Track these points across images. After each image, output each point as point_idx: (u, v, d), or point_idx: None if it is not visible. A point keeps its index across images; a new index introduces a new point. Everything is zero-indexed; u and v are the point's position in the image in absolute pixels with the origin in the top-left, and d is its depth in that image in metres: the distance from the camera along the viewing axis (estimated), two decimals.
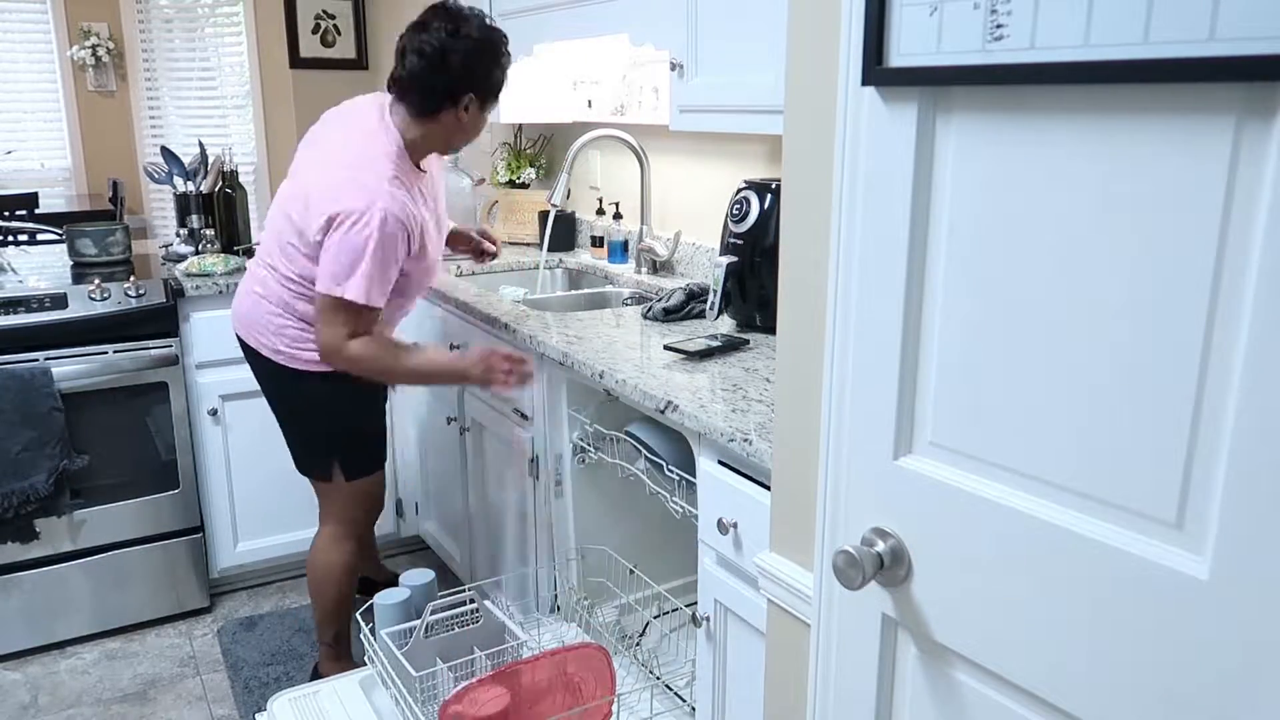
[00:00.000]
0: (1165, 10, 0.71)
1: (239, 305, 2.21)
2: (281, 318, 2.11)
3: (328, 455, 2.23)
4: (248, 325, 2.17)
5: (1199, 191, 0.72)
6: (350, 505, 2.29)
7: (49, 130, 5.42)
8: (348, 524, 2.30)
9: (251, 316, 2.16)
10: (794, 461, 1.20)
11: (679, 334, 2.11)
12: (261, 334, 2.14)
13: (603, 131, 2.71)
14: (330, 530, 2.30)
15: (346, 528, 2.30)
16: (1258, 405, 0.70)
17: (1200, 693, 0.76)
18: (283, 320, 2.11)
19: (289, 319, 2.11)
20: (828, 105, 1.06)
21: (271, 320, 2.12)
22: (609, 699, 1.68)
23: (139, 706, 2.44)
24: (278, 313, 2.11)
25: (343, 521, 2.29)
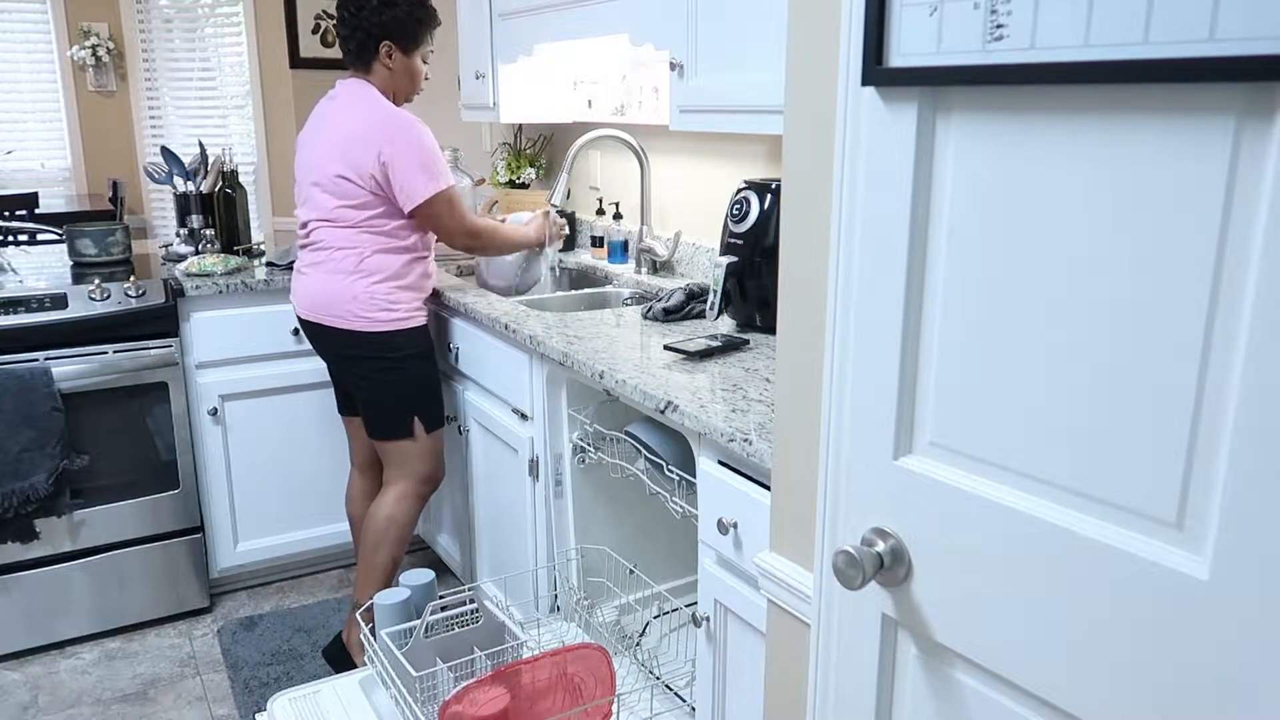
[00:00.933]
0: (1165, 10, 0.71)
1: (304, 291, 2.36)
2: (354, 284, 2.29)
3: (411, 410, 2.40)
4: (321, 305, 2.33)
5: (1199, 191, 0.72)
6: (426, 460, 2.45)
7: (49, 130, 5.42)
8: (421, 481, 2.46)
9: (323, 295, 2.32)
10: (794, 462, 1.20)
11: (679, 334, 2.11)
12: (339, 308, 2.31)
13: (603, 131, 2.71)
14: (401, 488, 2.44)
15: (419, 485, 2.46)
16: (1258, 405, 0.70)
17: (1200, 693, 0.76)
18: (356, 287, 2.29)
19: (360, 282, 2.29)
20: (828, 105, 1.06)
21: (345, 290, 2.30)
22: (609, 699, 1.68)
23: (139, 706, 2.44)
24: (350, 280, 2.30)
25: (417, 479, 2.45)
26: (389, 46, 2.31)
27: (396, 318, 2.33)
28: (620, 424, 2.01)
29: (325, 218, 2.30)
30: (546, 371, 2.13)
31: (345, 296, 2.30)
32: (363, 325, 2.31)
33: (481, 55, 2.98)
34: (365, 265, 2.29)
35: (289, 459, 2.92)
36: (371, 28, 2.29)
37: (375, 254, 2.30)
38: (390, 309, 2.32)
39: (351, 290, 2.29)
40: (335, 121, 2.31)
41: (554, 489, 2.20)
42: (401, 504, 2.44)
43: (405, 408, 2.40)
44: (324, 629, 2.76)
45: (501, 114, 2.98)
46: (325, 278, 2.32)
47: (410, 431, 2.41)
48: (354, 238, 2.29)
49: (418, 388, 2.40)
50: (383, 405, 2.40)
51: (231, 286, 2.72)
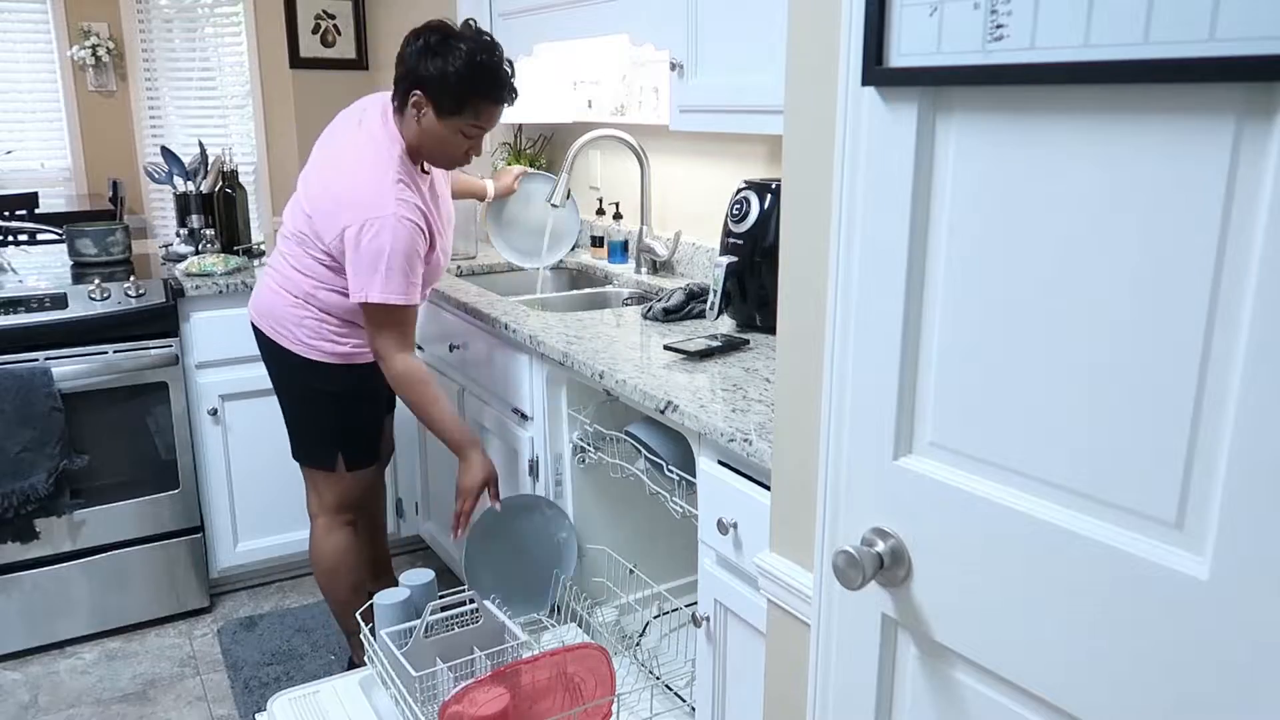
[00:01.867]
0: (1165, 10, 0.71)
1: (259, 295, 2.23)
2: (302, 309, 2.12)
3: (332, 445, 2.24)
4: (266, 315, 2.18)
5: (1199, 191, 0.72)
6: (347, 494, 2.29)
7: (49, 130, 5.42)
8: (339, 511, 2.30)
9: (271, 307, 2.17)
10: (794, 461, 1.20)
11: (679, 334, 2.11)
12: (280, 324, 2.16)
13: (603, 131, 2.71)
14: (324, 521, 2.31)
15: (338, 515, 2.31)
16: (1258, 405, 0.70)
17: (1200, 693, 0.76)
18: (303, 311, 2.12)
19: (309, 310, 2.12)
20: (828, 105, 1.06)
21: (292, 312, 2.13)
22: (609, 699, 1.68)
23: (139, 706, 2.44)
24: (299, 304, 2.13)
25: (335, 509, 2.30)
26: (419, 98, 1.95)
27: (341, 351, 2.15)
28: (620, 424, 2.01)
29: (294, 235, 2.12)
30: (546, 371, 2.13)
31: (291, 318, 2.13)
32: (301, 350, 2.14)
33: None
34: (316, 299, 2.10)
35: (289, 459, 2.91)
36: (409, 69, 1.95)
37: (330, 292, 2.09)
38: (336, 342, 2.14)
39: (298, 314, 2.12)
40: (338, 158, 2.06)
41: (554, 489, 2.20)
42: (333, 536, 2.31)
43: (329, 440, 2.24)
44: (324, 629, 2.76)
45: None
46: (277, 291, 2.15)
47: (331, 465, 2.25)
48: (313, 268, 2.09)
49: (346, 424, 2.23)
50: (305, 431, 2.26)
51: (231, 286, 2.72)
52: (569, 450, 2.16)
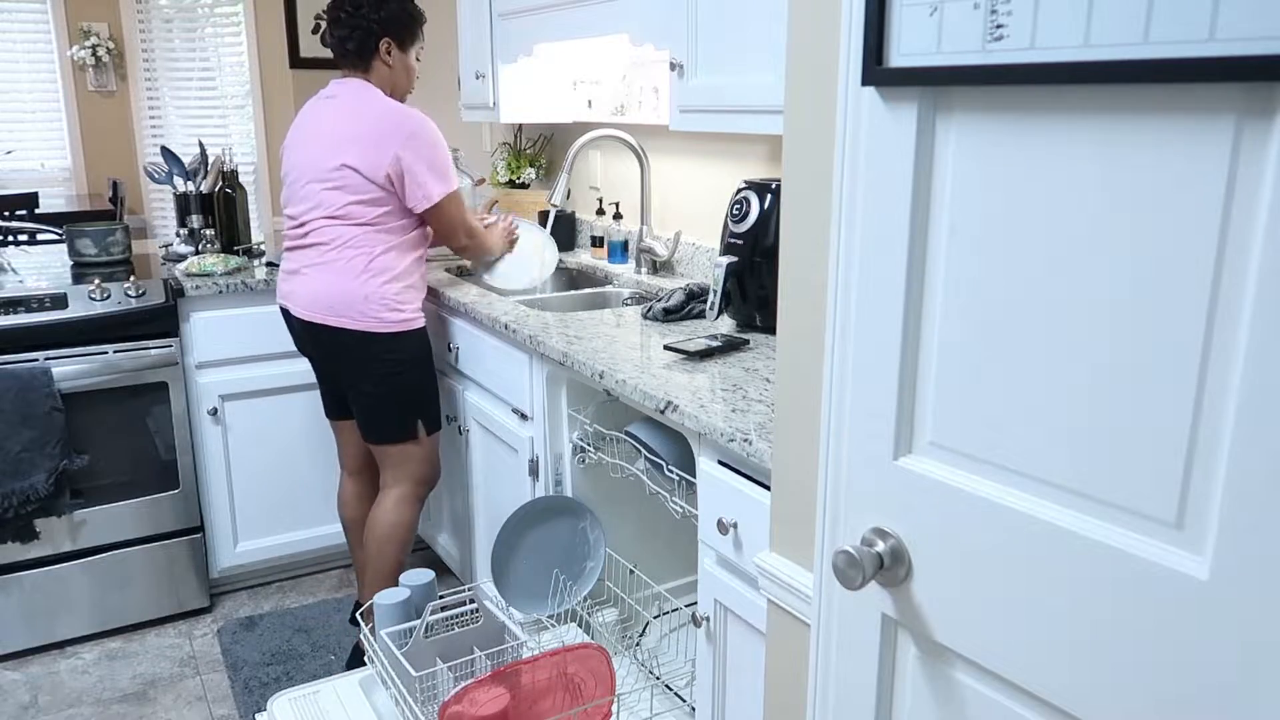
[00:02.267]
0: (1165, 10, 0.71)
1: (306, 290, 2.33)
2: (362, 284, 2.28)
3: (414, 413, 2.40)
4: (326, 306, 2.30)
5: (1199, 191, 0.72)
6: (425, 463, 2.46)
7: (49, 130, 5.42)
8: (419, 484, 2.47)
9: (330, 295, 2.30)
10: (794, 461, 1.20)
11: (679, 334, 2.11)
12: (348, 308, 2.29)
13: (603, 131, 2.71)
14: (400, 491, 2.44)
15: (417, 488, 2.47)
16: (1258, 405, 0.70)
17: (1200, 693, 0.76)
18: (364, 289, 2.28)
19: (369, 284, 2.28)
20: (828, 105, 1.06)
21: (354, 290, 2.28)
22: (609, 699, 1.68)
23: (139, 706, 2.44)
24: (357, 280, 2.28)
25: (415, 481, 2.45)
26: (389, 43, 2.33)
27: (403, 318, 2.33)
28: (620, 424, 2.01)
29: (333, 215, 2.28)
30: (546, 371, 2.13)
31: (356, 297, 2.28)
32: (373, 326, 2.29)
33: (481, 55, 2.98)
34: (375, 265, 2.29)
35: (289, 459, 2.92)
36: (371, 24, 2.31)
37: (384, 253, 2.30)
38: (398, 309, 2.32)
39: (363, 290, 2.28)
40: (341, 119, 2.29)
41: (554, 489, 2.20)
42: (402, 507, 2.44)
43: (408, 410, 2.40)
44: (324, 629, 2.76)
45: (501, 114, 2.98)
46: (333, 278, 2.29)
47: (414, 434, 2.41)
48: (363, 237, 2.28)
49: (421, 390, 2.41)
50: (387, 408, 2.38)
51: (231, 286, 2.72)
52: (569, 450, 2.16)
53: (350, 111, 2.29)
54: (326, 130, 2.30)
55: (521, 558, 2.11)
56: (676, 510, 1.83)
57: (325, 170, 2.27)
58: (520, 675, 1.64)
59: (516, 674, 1.64)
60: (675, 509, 1.83)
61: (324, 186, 2.28)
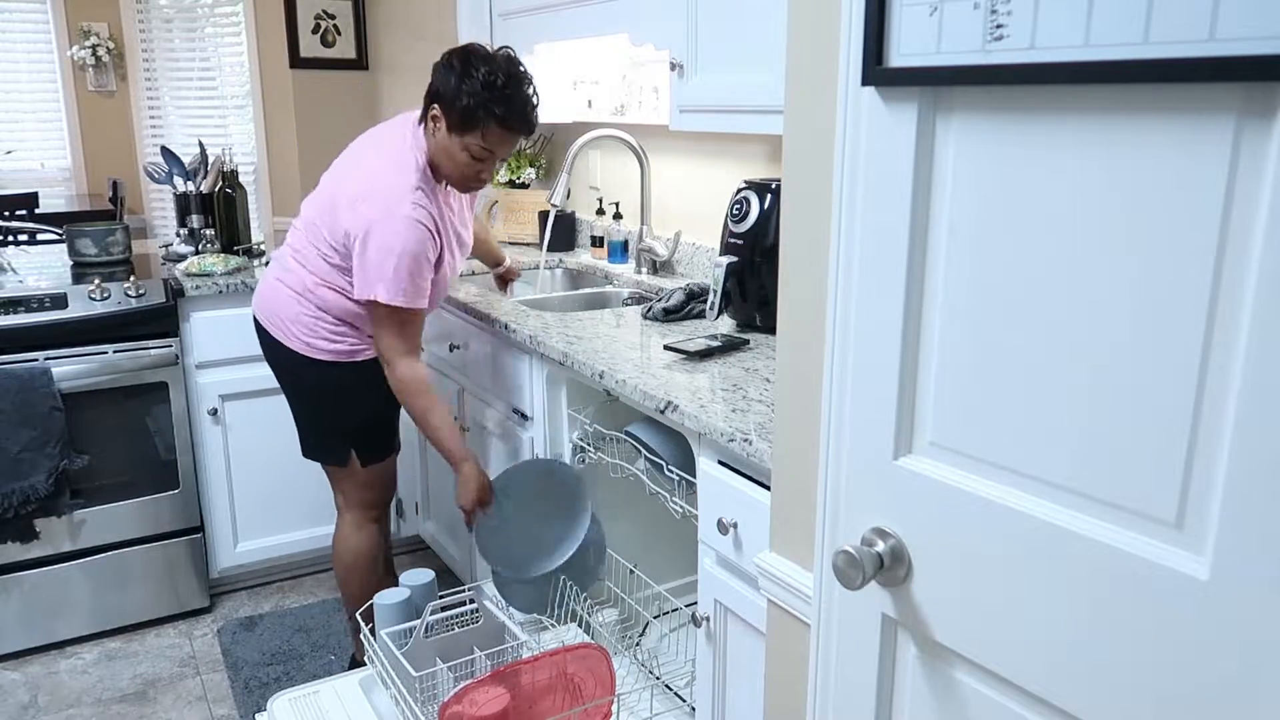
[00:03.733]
0: (1165, 10, 0.71)
1: (261, 292, 2.23)
2: (301, 305, 2.12)
3: (344, 442, 2.24)
4: (268, 312, 2.18)
5: (1199, 191, 0.72)
6: (368, 488, 2.30)
7: (49, 130, 5.42)
8: (365, 508, 2.32)
9: (272, 303, 2.17)
10: (794, 461, 1.20)
11: (679, 334, 2.11)
12: (281, 321, 2.15)
13: (603, 131, 2.71)
14: (351, 517, 2.32)
15: (366, 511, 2.32)
16: (1258, 405, 0.70)
17: (1200, 693, 0.76)
18: (300, 307, 2.12)
19: (306, 306, 2.12)
20: (828, 105, 1.06)
21: (291, 307, 2.13)
22: (609, 699, 1.68)
23: (139, 706, 2.44)
24: (297, 299, 2.12)
25: (361, 506, 2.31)
26: (436, 112, 1.99)
27: (339, 349, 2.14)
28: (620, 424, 2.01)
29: (305, 226, 2.13)
30: (546, 371, 2.13)
31: (289, 314, 2.13)
32: (300, 348, 2.13)
33: None
34: (316, 296, 2.10)
35: (289, 459, 2.90)
36: (432, 82, 2.00)
37: (332, 291, 2.09)
38: (333, 340, 2.13)
39: (295, 309, 2.12)
40: (358, 160, 2.11)
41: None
42: (360, 534, 2.32)
43: (340, 437, 2.24)
44: (324, 629, 2.76)
45: None
46: (279, 286, 2.15)
47: (344, 461, 2.25)
48: (318, 265, 2.08)
49: (353, 421, 2.23)
50: (314, 429, 2.26)
51: (231, 286, 2.72)
52: (569, 450, 2.16)
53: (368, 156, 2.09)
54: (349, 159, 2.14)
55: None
56: (676, 510, 1.83)
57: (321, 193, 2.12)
58: (520, 675, 1.64)
59: (516, 674, 1.64)
60: (675, 509, 1.83)
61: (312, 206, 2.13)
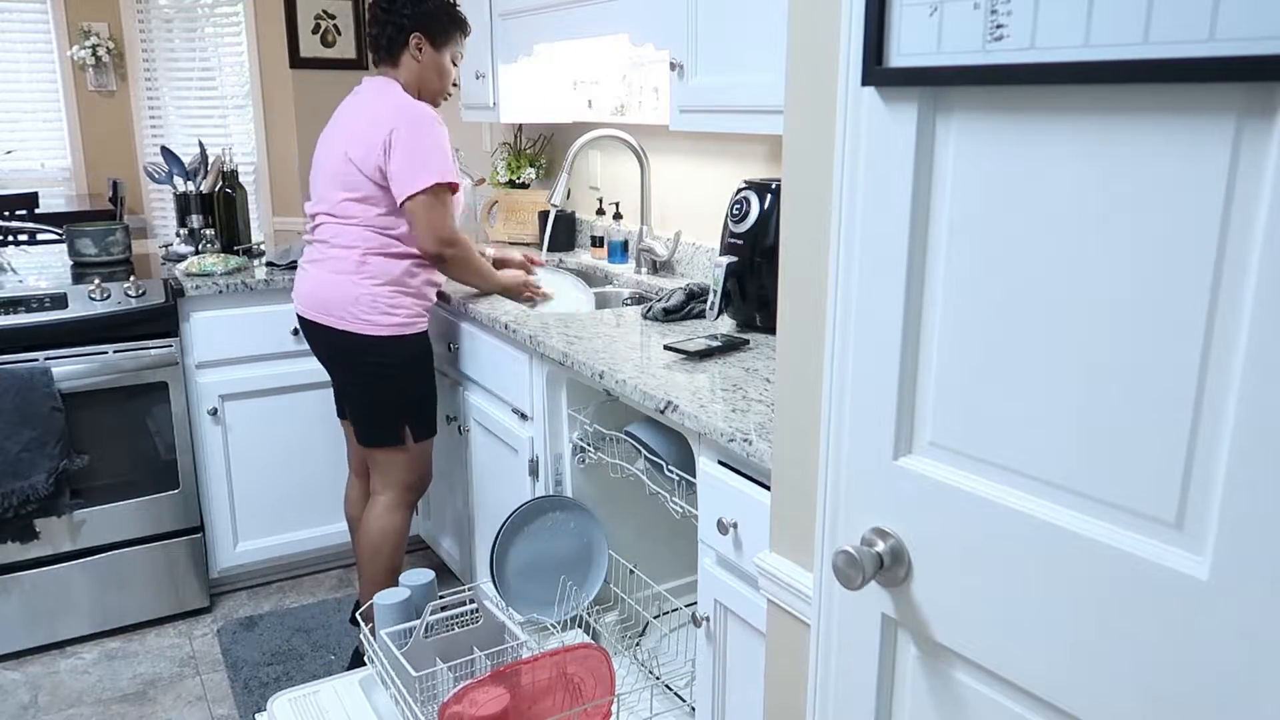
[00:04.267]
0: (1165, 10, 0.71)
1: (305, 289, 2.34)
2: (355, 285, 2.26)
3: (401, 419, 2.37)
4: (320, 304, 2.29)
5: (1199, 191, 0.72)
6: (413, 470, 2.43)
7: (49, 130, 5.42)
8: (407, 490, 2.44)
9: (323, 293, 2.29)
10: (794, 461, 1.20)
11: (679, 334, 2.11)
12: (337, 308, 2.27)
13: (603, 131, 2.71)
14: (389, 497, 2.42)
15: (405, 494, 2.44)
16: (1258, 405, 0.70)
17: (1200, 693, 0.76)
18: (356, 289, 2.26)
19: (362, 285, 2.26)
20: (828, 105, 1.06)
21: (346, 290, 2.27)
22: (609, 699, 1.69)
23: (139, 706, 2.44)
24: (350, 280, 2.26)
25: (403, 487, 2.43)
26: (419, 39, 2.30)
27: (396, 322, 2.29)
28: (620, 424, 2.01)
29: (331, 212, 2.28)
30: (546, 371, 2.13)
31: (345, 297, 2.26)
32: (360, 327, 2.27)
33: (481, 55, 2.98)
34: (367, 267, 2.26)
35: (289, 459, 2.92)
36: (403, 20, 2.29)
37: (378, 256, 2.26)
38: (390, 313, 2.28)
39: (353, 291, 2.26)
40: (355, 112, 2.30)
41: (554, 489, 2.20)
42: (392, 514, 2.42)
43: (396, 415, 2.36)
44: (324, 629, 2.76)
45: (501, 114, 2.98)
46: (325, 275, 2.29)
47: (400, 439, 2.37)
48: (357, 236, 2.25)
49: (411, 396, 2.37)
50: (373, 411, 2.36)
51: (231, 286, 2.72)
52: (569, 450, 2.16)
53: (364, 105, 2.30)
54: (342, 126, 2.31)
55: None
56: (676, 510, 1.83)
57: (333, 166, 2.27)
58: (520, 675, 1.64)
59: (516, 674, 1.64)
60: (675, 509, 1.83)
61: (329, 182, 2.29)
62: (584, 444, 2.14)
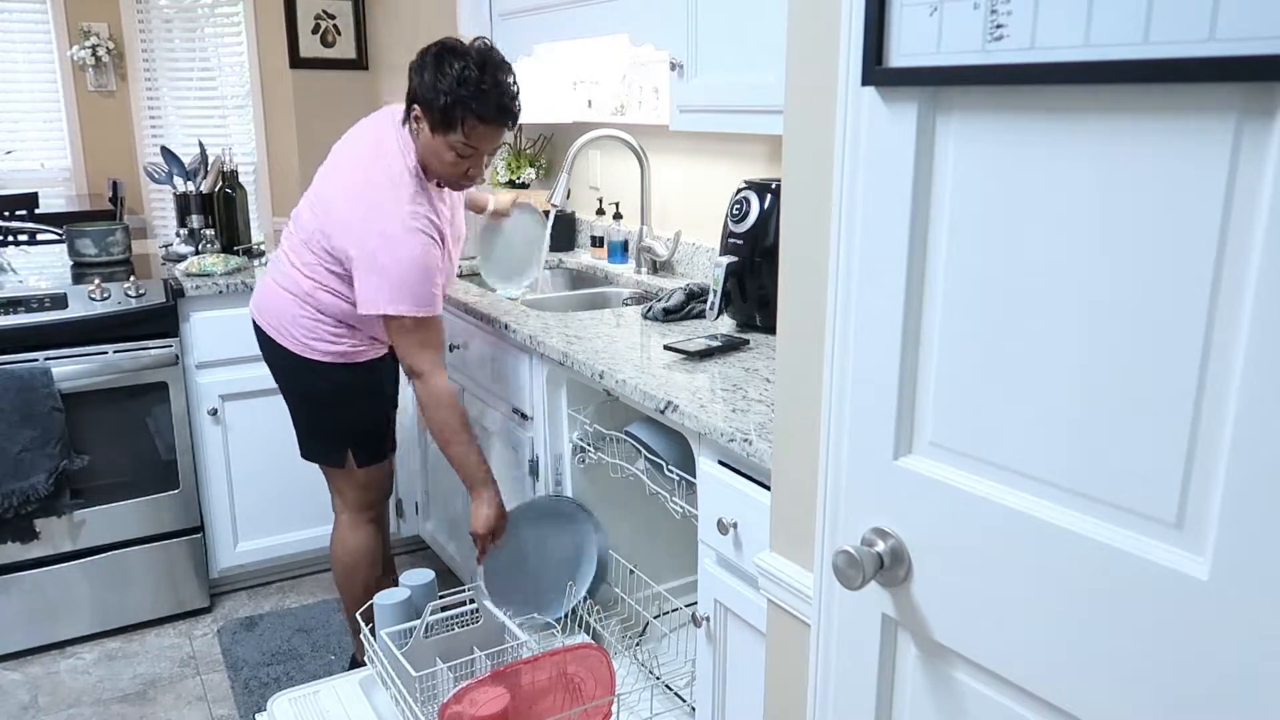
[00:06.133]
0: (1165, 10, 0.71)
1: (259, 292, 2.23)
2: (299, 308, 2.11)
3: (340, 443, 2.24)
4: (266, 312, 2.18)
5: (1199, 191, 0.72)
6: (364, 490, 2.30)
7: (49, 130, 5.42)
8: (363, 508, 2.32)
9: (270, 304, 2.17)
10: (794, 461, 1.20)
11: (679, 334, 2.11)
12: (279, 322, 2.15)
13: (603, 131, 2.71)
14: (348, 518, 2.32)
15: (362, 512, 2.32)
16: (1258, 405, 0.70)
17: (1200, 693, 0.76)
18: (300, 311, 2.11)
19: (306, 310, 2.11)
20: (828, 105, 1.06)
21: (290, 310, 2.12)
22: (609, 699, 1.68)
23: (139, 706, 2.44)
24: (296, 302, 2.11)
25: (358, 507, 2.31)
26: (418, 112, 1.96)
27: (336, 350, 2.13)
28: (620, 424, 2.01)
29: (302, 237, 2.11)
30: (546, 371, 2.13)
31: (288, 317, 2.12)
32: (299, 350, 2.13)
33: None
34: (317, 299, 2.09)
35: (289, 459, 2.90)
36: (411, 82, 1.96)
37: (330, 296, 2.08)
38: (330, 342, 2.12)
39: (295, 312, 2.11)
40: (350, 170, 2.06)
41: (554, 489, 2.20)
42: (357, 533, 2.32)
43: (337, 440, 2.23)
44: (324, 629, 2.76)
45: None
46: (276, 288, 2.15)
47: (342, 463, 2.24)
48: (317, 269, 2.07)
49: (351, 424, 2.23)
50: (313, 432, 2.26)
51: (231, 286, 2.72)
52: (569, 450, 2.16)
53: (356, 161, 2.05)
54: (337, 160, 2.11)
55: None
56: (676, 510, 1.83)
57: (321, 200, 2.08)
58: (520, 675, 1.64)
59: (516, 674, 1.64)
60: (675, 509, 1.83)
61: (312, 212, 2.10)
62: (584, 444, 2.14)
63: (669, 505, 1.85)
